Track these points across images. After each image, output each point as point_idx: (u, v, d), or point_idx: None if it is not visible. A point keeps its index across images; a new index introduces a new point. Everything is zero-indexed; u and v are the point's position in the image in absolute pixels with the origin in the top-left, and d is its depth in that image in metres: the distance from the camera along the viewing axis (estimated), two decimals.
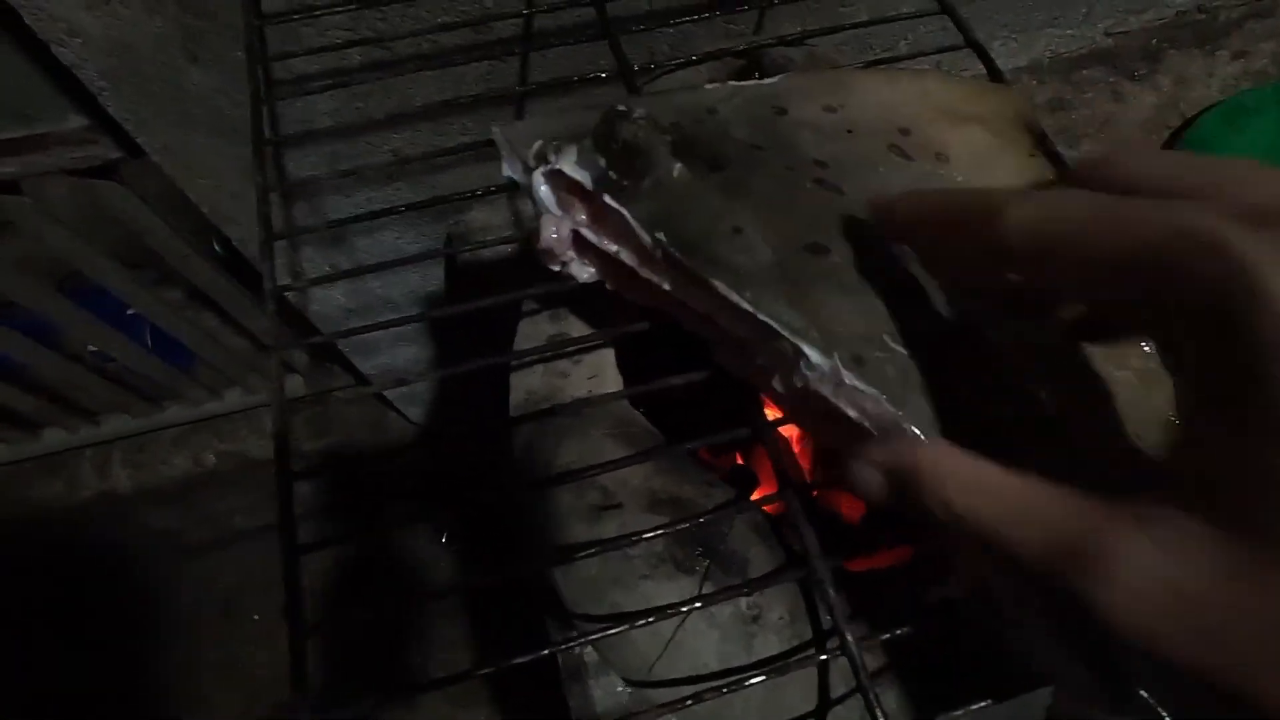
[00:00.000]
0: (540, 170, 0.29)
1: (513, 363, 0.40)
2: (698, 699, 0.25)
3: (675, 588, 0.33)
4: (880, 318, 0.25)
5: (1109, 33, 0.69)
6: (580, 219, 0.30)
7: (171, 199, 0.61)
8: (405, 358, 0.78)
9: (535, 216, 0.30)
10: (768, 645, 0.32)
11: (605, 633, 0.26)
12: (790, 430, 0.47)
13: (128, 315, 0.82)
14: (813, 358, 0.24)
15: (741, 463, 0.46)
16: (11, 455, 0.92)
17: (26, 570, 0.89)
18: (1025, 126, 0.34)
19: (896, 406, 0.23)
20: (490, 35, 0.49)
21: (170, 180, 0.55)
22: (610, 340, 0.38)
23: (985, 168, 0.32)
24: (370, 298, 0.69)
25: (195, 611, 0.87)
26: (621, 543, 0.28)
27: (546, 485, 0.30)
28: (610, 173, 0.28)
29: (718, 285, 0.25)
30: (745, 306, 0.25)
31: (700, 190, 0.27)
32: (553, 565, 0.33)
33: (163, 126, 0.50)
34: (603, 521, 0.33)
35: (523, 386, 0.39)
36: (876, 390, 0.23)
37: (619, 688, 0.35)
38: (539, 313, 0.40)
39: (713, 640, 0.32)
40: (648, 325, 0.31)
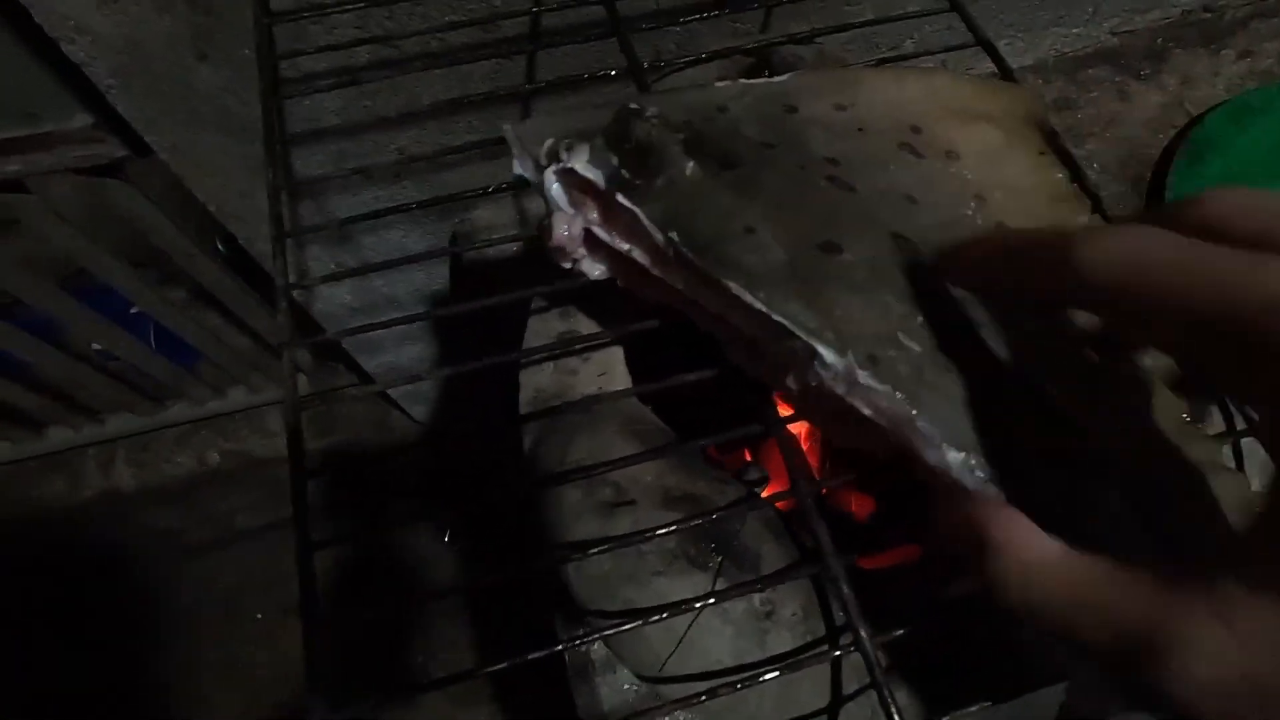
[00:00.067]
0: (552, 168, 0.29)
1: (522, 360, 0.40)
2: (711, 695, 0.25)
3: (689, 584, 0.33)
4: (894, 315, 0.25)
5: (1114, 32, 0.69)
6: (592, 217, 0.29)
7: (176, 198, 0.61)
8: (410, 356, 0.78)
9: (546, 214, 0.30)
10: (781, 641, 0.32)
11: (619, 628, 0.26)
12: (799, 428, 0.47)
13: (132, 314, 0.82)
14: (827, 357, 0.24)
15: (751, 460, 0.46)
16: (15, 454, 0.92)
17: (27, 570, 0.88)
18: (1036, 124, 0.34)
19: (911, 405, 0.23)
20: (498, 33, 0.49)
21: (175, 179, 0.55)
22: (620, 338, 0.38)
23: (995, 165, 0.32)
24: (375, 296, 0.69)
25: (196, 611, 0.87)
26: (635, 539, 0.28)
27: (558, 482, 0.30)
28: (623, 171, 0.28)
29: (730, 286, 0.25)
30: (758, 306, 0.25)
31: (712, 189, 0.27)
32: (566, 561, 0.33)
33: (171, 125, 0.50)
34: (616, 518, 0.33)
35: (532, 384, 0.39)
36: (890, 388, 0.23)
37: (626, 685, 0.35)
38: (548, 310, 0.40)
39: (726, 636, 0.32)
40: (657, 323, 0.31)
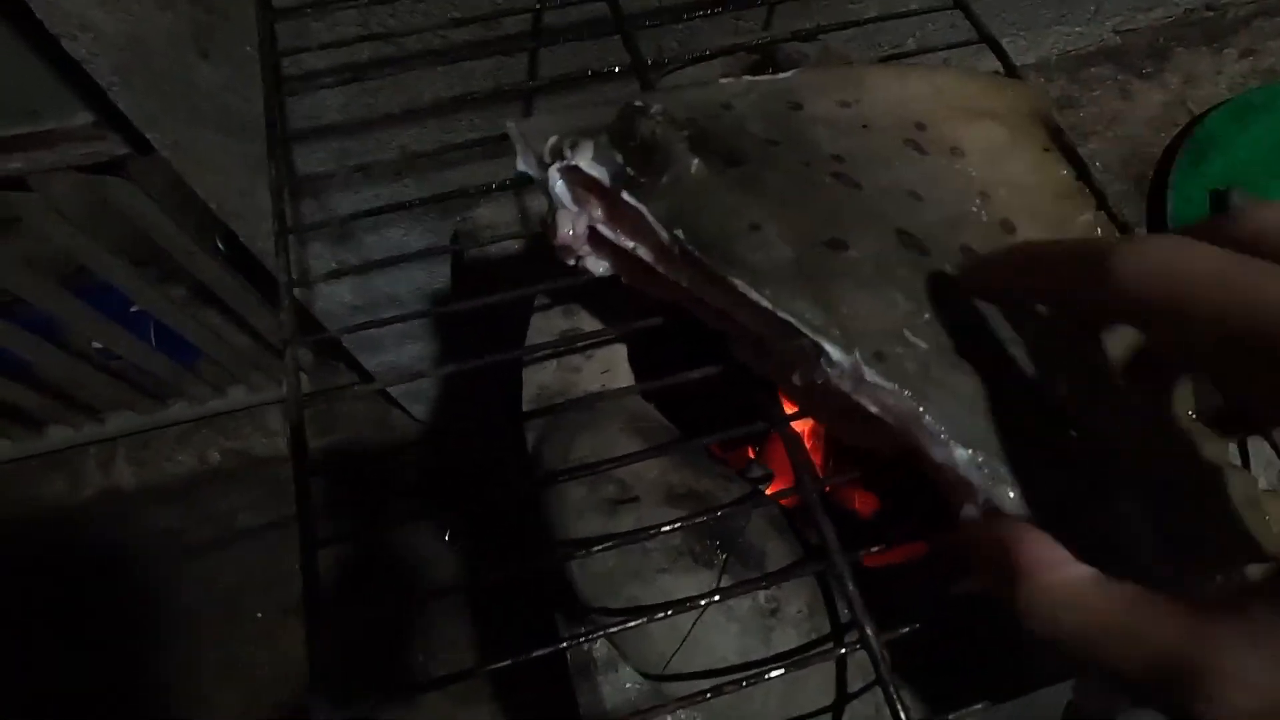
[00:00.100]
0: (556, 166, 0.29)
1: (525, 358, 0.39)
2: (716, 692, 0.25)
3: (693, 581, 0.32)
4: (900, 312, 0.25)
5: (1117, 30, 0.69)
6: (596, 215, 0.29)
7: (177, 195, 0.61)
8: (411, 354, 0.78)
9: (550, 212, 0.30)
10: (786, 639, 0.32)
11: (623, 626, 0.26)
12: (803, 425, 0.47)
13: (132, 312, 0.82)
14: (833, 355, 0.24)
15: (755, 457, 0.46)
16: (16, 452, 0.92)
17: (27, 569, 0.88)
18: (1041, 121, 0.34)
19: (918, 401, 0.23)
20: (500, 31, 0.49)
21: (176, 177, 0.54)
22: (623, 335, 0.38)
23: (999, 162, 0.32)
24: (376, 295, 0.69)
25: (196, 611, 0.87)
26: (640, 536, 0.28)
27: (562, 479, 0.30)
28: (627, 169, 0.27)
29: (736, 283, 0.25)
30: (764, 304, 0.25)
31: (717, 186, 0.27)
32: (570, 558, 0.33)
33: (172, 122, 0.50)
34: (620, 515, 0.33)
35: (535, 381, 0.39)
36: (897, 385, 0.23)
37: (629, 683, 0.35)
38: (551, 307, 0.40)
39: (731, 633, 0.32)
40: (661, 320, 0.31)
